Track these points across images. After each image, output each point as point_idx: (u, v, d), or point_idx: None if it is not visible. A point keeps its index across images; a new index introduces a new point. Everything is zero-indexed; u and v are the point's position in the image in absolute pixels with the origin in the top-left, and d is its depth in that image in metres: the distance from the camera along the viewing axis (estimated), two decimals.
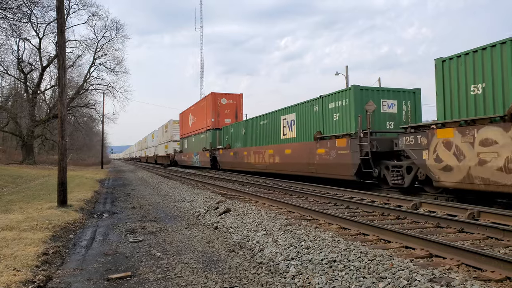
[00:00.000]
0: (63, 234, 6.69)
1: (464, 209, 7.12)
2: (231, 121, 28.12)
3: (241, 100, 29.63)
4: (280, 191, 12.14)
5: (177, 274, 4.54)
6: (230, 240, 6.22)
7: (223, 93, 29.13)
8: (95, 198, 12.61)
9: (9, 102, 41.44)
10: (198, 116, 32.90)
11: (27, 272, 4.34)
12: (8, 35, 30.18)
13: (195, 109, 34.30)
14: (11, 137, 44.81)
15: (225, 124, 28.12)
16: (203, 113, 30.63)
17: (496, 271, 3.85)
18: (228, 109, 28.92)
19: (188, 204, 10.63)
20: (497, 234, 5.43)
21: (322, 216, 7.13)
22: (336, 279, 3.92)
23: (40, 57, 36.50)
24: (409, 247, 4.97)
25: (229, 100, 29.16)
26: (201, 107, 31.92)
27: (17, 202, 10.38)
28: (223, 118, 28.54)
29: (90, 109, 44.99)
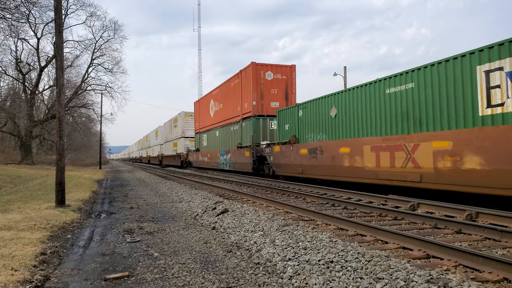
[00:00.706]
0: (61, 234, 6.68)
1: (462, 210, 7.14)
2: (279, 105, 19.90)
3: (293, 75, 20.75)
4: (278, 191, 12.14)
5: (174, 274, 4.54)
6: (228, 240, 6.22)
7: (268, 65, 20.58)
8: (93, 198, 12.59)
9: (7, 102, 41.38)
10: (226, 102, 24.69)
11: (25, 272, 4.33)
12: (6, 35, 30.15)
13: (221, 92, 25.85)
14: (10, 137, 44.71)
15: (271, 109, 19.87)
16: (236, 95, 22.65)
17: (493, 272, 3.86)
18: (276, 88, 20.39)
19: (186, 204, 10.62)
20: (495, 235, 5.44)
21: (319, 217, 7.13)
22: (333, 279, 3.92)
23: (38, 57, 36.48)
24: (406, 248, 4.98)
25: (277, 75, 20.43)
26: (231, 88, 23.49)
27: (15, 202, 10.36)
28: (269, 101, 20.16)
29: (88, 110, 45.01)
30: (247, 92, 20.81)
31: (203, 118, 31.12)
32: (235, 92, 22.87)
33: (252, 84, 20.11)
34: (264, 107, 20.22)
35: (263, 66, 20.38)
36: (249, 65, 20.43)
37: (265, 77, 20.34)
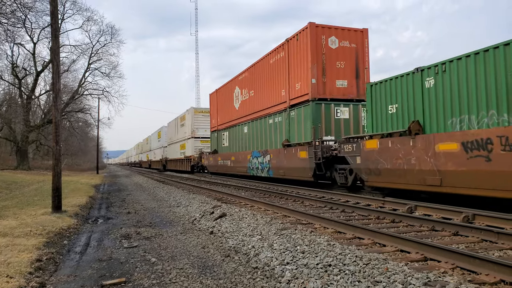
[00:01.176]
0: (57, 240, 6.63)
1: (459, 212, 7.16)
2: (348, 85, 14.47)
3: (364, 43, 15.07)
4: (276, 195, 12.13)
5: (172, 280, 4.52)
6: (226, 245, 6.20)
7: (332, 27, 14.77)
8: (90, 204, 12.53)
9: (3, 107, 41.22)
10: (260, 87, 18.71)
11: (20, 279, 4.29)
12: (3, 40, 30.07)
13: (252, 76, 19.90)
14: (5, 143, 44.48)
15: (337, 90, 14.26)
16: (279, 75, 16.61)
17: (490, 274, 3.87)
18: (342, 60, 14.54)
19: (184, 209, 10.59)
20: (491, 237, 5.46)
21: (317, 220, 7.13)
22: (331, 283, 3.92)
23: (35, 62, 36.40)
24: (404, 251, 4.98)
25: (343, 42, 14.78)
26: (270, 67, 17.56)
27: (11, 208, 10.29)
28: (333, 79, 14.37)
29: (85, 114, 44.90)
30: (300, 68, 14.77)
31: (223, 112, 24.89)
32: (277, 71, 16.89)
33: (310, 53, 14.04)
34: (326, 87, 14.23)
35: (325, 29, 14.56)
36: (306, 26, 14.49)
37: (327, 45, 14.44)
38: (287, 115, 15.98)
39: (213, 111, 27.35)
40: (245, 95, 21.09)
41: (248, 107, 20.52)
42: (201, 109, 32.95)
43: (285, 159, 15.74)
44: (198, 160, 29.63)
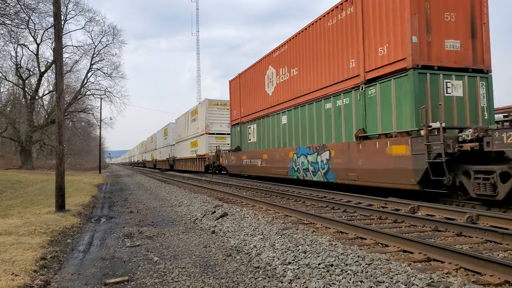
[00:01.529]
0: (61, 239, 6.67)
1: (462, 212, 7.12)
2: (461, 46, 10.02)
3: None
4: (277, 195, 12.13)
5: (174, 279, 4.53)
6: (227, 244, 6.21)
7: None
8: (93, 203, 12.57)
9: (7, 107, 41.46)
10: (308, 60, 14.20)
11: (25, 277, 4.32)
12: (6, 41, 30.20)
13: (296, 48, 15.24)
14: (10, 143, 44.75)
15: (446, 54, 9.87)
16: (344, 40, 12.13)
17: (495, 275, 3.84)
18: (453, 9, 10.03)
19: (185, 208, 10.61)
20: (496, 237, 5.43)
21: (319, 220, 7.12)
22: (333, 283, 3.92)
23: (38, 62, 36.59)
24: (407, 251, 4.96)
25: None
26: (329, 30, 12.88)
27: (15, 207, 10.35)
28: (441, 37, 9.88)
29: (87, 114, 45.08)
30: (387, 23, 10.37)
31: (248, 101, 20.36)
32: (340, 35, 12.30)
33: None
34: (432, 49, 9.81)
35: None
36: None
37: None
38: (362, 95, 11.29)
39: (234, 101, 22.52)
40: (283, 75, 16.31)
41: (288, 91, 15.79)
42: (216, 101, 28.49)
43: (359, 157, 11.03)
44: (215, 159, 25.36)
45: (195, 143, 30.69)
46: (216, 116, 28.27)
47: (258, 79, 19.24)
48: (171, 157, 40.31)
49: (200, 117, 29.43)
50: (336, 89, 12.54)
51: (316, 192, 12.25)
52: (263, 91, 18.59)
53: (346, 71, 12.05)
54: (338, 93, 12.44)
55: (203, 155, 28.24)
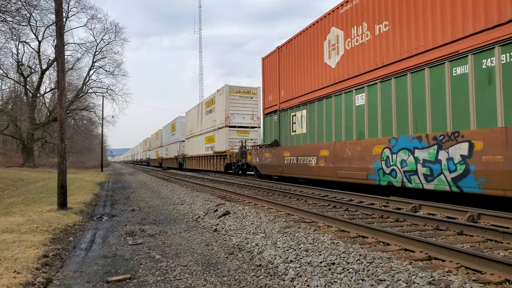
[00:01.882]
0: (63, 237, 6.69)
1: (463, 211, 7.13)
2: None
3: None
4: (279, 193, 12.14)
5: (176, 277, 4.55)
6: (229, 242, 6.23)
7: None
8: (94, 201, 12.61)
9: (9, 105, 41.55)
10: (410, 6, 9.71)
11: (27, 275, 4.34)
12: (8, 38, 30.26)
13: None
14: (11, 140, 44.88)
15: None
16: None
17: (495, 274, 3.85)
18: None
19: (188, 206, 10.63)
20: (496, 236, 5.43)
21: (321, 219, 7.13)
22: (335, 281, 3.93)
23: (40, 60, 36.65)
24: (408, 250, 4.97)
25: None
26: None
27: (17, 204, 10.39)
28: None
29: (89, 112, 45.22)
30: None
31: (293, 81, 15.98)
32: None
33: None
34: None
35: None
36: None
37: None
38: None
39: (270, 83, 18.07)
40: (358, 37, 11.92)
41: (367, 58, 11.41)
42: (238, 87, 24.06)
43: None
44: (239, 157, 21.43)
45: (212, 138, 26.76)
46: (238, 106, 24.11)
47: (311, 48, 14.54)
48: (180, 154, 36.69)
49: (219, 107, 25.14)
50: (482, 41, 7.92)
51: (318, 191, 12.26)
52: (319, 64, 13.95)
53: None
54: (486, 47, 7.83)
55: (222, 152, 24.06)
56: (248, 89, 24.82)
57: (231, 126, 24.25)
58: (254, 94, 25.26)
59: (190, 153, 33.54)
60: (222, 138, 24.57)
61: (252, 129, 25.17)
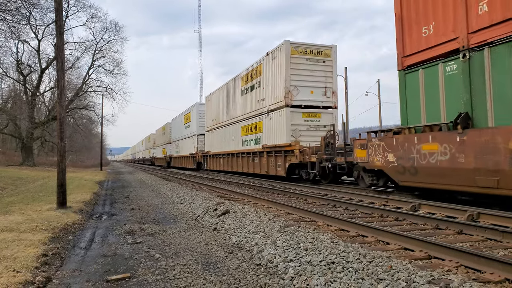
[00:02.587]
0: (62, 236, 6.69)
1: (463, 210, 7.13)
2: None
3: None
4: (279, 192, 12.14)
5: (176, 276, 4.54)
6: (229, 241, 6.23)
7: None
8: (94, 200, 12.60)
9: (8, 104, 41.52)
10: None
11: (27, 273, 4.34)
12: (7, 37, 30.26)
13: None
14: (11, 139, 44.83)
15: None
16: None
17: (495, 273, 3.85)
18: None
19: (187, 205, 10.63)
20: (496, 235, 5.44)
21: (320, 218, 7.13)
22: (334, 280, 3.93)
23: (39, 59, 36.63)
24: (408, 249, 4.98)
25: None
26: None
27: (16, 203, 10.38)
28: None
29: (89, 111, 45.21)
30: None
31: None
32: None
33: None
34: None
35: None
36: None
37: None
38: None
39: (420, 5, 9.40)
40: None
41: None
42: (304, 46, 16.09)
43: None
44: (323, 154, 13.55)
45: (255, 126, 19.08)
46: (305, 75, 16.04)
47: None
48: (199, 151, 29.41)
49: (271, 78, 17.25)
50: None
51: (317, 190, 12.27)
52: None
53: None
54: None
55: (280, 146, 16.01)
56: (319, 48, 16.36)
57: (293, 106, 15.86)
58: (328, 57, 16.48)
59: (215, 149, 25.60)
60: (279, 124, 16.46)
61: (324, 111, 16.55)
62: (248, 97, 20.42)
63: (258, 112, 19.00)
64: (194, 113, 32.00)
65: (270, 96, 17.55)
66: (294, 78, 16.04)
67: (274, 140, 17.07)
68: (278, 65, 16.55)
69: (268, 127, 17.87)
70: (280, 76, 16.39)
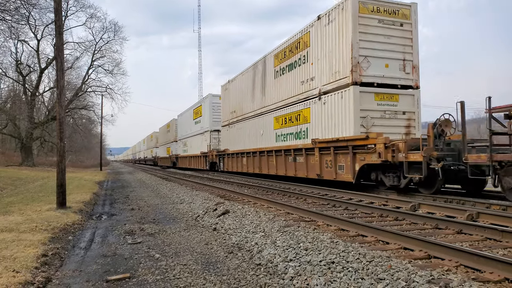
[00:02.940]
0: (62, 236, 6.69)
1: (462, 210, 7.14)
2: None
3: None
4: (279, 192, 12.14)
5: (176, 276, 4.55)
6: (229, 241, 6.23)
7: None
8: (94, 200, 12.60)
9: (8, 104, 41.49)
10: None
11: (27, 274, 4.34)
12: (7, 37, 30.21)
13: None
14: (10, 139, 44.79)
15: None
16: None
17: (494, 272, 3.86)
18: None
19: (187, 205, 10.63)
20: (495, 235, 5.44)
21: (320, 218, 7.13)
22: (334, 280, 3.93)
23: (39, 59, 36.60)
24: (407, 249, 4.98)
25: None
26: None
27: (16, 204, 10.37)
28: None
29: (88, 111, 45.15)
30: None
31: None
32: None
33: None
34: None
35: None
36: None
37: None
38: None
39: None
40: None
41: None
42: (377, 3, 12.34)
43: None
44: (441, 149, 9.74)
45: (299, 115, 14.89)
46: (378, 42, 12.15)
47: None
48: (214, 150, 25.78)
49: (328, 46, 13.04)
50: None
51: (317, 190, 12.26)
52: None
53: None
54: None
55: (347, 140, 11.76)
56: (395, 7, 12.43)
57: (363, 84, 11.83)
58: (406, 18, 12.57)
59: (235, 147, 21.88)
60: (341, 110, 12.33)
61: (403, 92, 12.52)
62: (285, 79, 16.09)
63: (303, 97, 14.49)
64: (206, 106, 27.91)
65: (324, 73, 13.20)
66: (364, 45, 11.86)
67: (331, 132, 12.75)
68: (339, 28, 12.39)
69: (319, 115, 13.44)
70: (342, 43, 12.23)
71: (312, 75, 14.00)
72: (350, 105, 11.80)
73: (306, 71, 14.47)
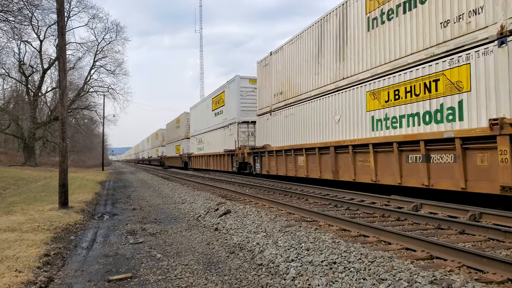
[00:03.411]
0: (64, 236, 6.70)
1: (465, 210, 7.11)
2: None
3: None
4: (280, 192, 12.14)
5: (177, 276, 4.55)
6: (230, 241, 6.22)
7: None
8: (96, 200, 12.62)
9: (10, 104, 41.63)
10: None
11: (29, 273, 4.34)
12: (10, 37, 30.35)
13: None
14: (13, 139, 44.97)
15: None
16: None
17: (497, 273, 3.84)
18: None
19: (188, 205, 10.63)
20: (498, 235, 5.42)
21: (322, 218, 7.12)
22: (336, 280, 3.92)
23: (41, 59, 36.71)
24: (409, 249, 4.96)
25: None
26: None
27: (18, 203, 10.40)
28: None
29: (90, 111, 45.26)
30: None
31: None
32: None
33: None
34: None
35: None
36: None
37: None
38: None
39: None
40: None
41: None
42: None
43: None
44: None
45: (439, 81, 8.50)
46: None
47: None
48: (245, 146, 20.59)
49: None
50: None
51: (319, 190, 12.25)
52: None
53: None
54: None
55: None
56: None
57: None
58: None
59: (279, 141, 16.79)
60: None
61: None
62: (395, 27, 9.95)
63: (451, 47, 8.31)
64: (233, 92, 21.97)
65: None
66: None
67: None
68: None
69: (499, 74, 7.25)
70: None
71: (480, 4, 7.70)
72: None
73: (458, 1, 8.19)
